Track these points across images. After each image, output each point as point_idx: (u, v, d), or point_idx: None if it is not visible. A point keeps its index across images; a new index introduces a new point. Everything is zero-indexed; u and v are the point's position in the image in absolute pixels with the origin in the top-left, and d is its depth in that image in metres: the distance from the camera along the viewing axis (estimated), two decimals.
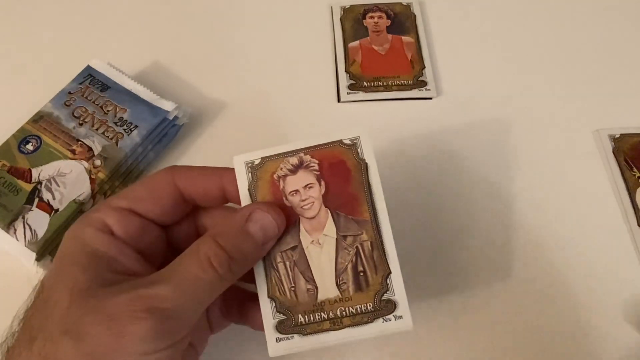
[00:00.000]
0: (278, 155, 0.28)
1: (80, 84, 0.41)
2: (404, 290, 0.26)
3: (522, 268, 0.36)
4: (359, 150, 0.28)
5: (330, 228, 0.27)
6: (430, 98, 0.44)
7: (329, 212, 0.27)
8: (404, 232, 0.37)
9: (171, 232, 0.29)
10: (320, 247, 0.27)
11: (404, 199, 0.39)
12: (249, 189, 0.28)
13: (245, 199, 0.28)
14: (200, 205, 0.29)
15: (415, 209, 0.39)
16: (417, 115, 0.43)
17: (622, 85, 0.45)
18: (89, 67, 0.42)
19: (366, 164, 0.28)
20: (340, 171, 0.28)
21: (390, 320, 0.26)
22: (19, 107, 0.41)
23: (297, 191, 0.28)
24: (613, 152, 0.41)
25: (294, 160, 0.28)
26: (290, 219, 0.28)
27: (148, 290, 0.23)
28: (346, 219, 0.27)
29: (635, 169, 0.40)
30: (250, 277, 0.27)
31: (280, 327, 0.27)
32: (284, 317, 0.27)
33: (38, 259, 0.35)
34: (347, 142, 0.28)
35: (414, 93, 0.44)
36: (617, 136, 0.41)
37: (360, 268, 0.27)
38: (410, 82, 0.45)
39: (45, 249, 0.35)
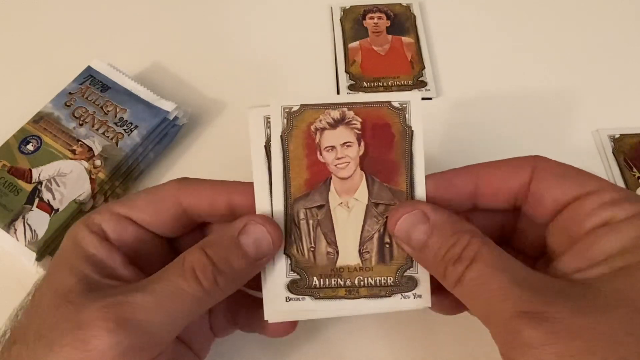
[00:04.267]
0: (319, 105, 0.26)
1: (81, 84, 0.41)
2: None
3: None
4: (407, 115, 0.26)
5: (362, 192, 0.26)
6: (430, 98, 0.44)
7: (364, 175, 0.26)
8: None
9: (177, 243, 0.28)
10: (349, 211, 0.26)
11: None
12: (281, 136, 0.26)
13: (276, 147, 0.26)
14: (207, 221, 0.28)
15: None
16: None
17: (622, 85, 0.45)
18: (89, 68, 0.42)
19: (412, 131, 0.26)
20: (384, 135, 0.26)
21: (408, 297, 0.25)
22: (19, 108, 0.41)
23: (333, 147, 0.26)
24: (613, 152, 0.41)
25: (335, 113, 0.26)
26: (321, 176, 0.26)
27: (123, 298, 0.22)
28: (381, 186, 0.26)
29: (635, 169, 0.40)
30: (256, 283, 0.26)
31: (292, 287, 0.26)
32: (297, 276, 0.26)
33: (38, 259, 0.35)
34: (396, 104, 0.26)
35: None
36: (617, 136, 0.41)
37: (387, 240, 0.26)
38: (410, 83, 0.45)
39: (45, 249, 0.35)
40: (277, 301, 0.26)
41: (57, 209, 0.36)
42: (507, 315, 0.20)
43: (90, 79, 0.42)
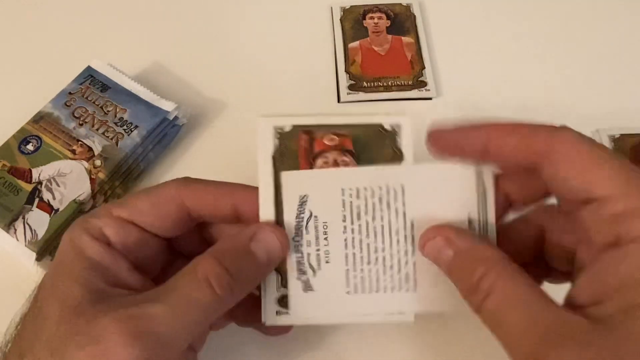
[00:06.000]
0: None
1: (81, 84, 0.41)
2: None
3: None
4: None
5: None
6: (430, 98, 0.44)
7: None
8: None
9: (174, 241, 0.28)
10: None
11: None
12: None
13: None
14: (209, 221, 0.28)
15: None
16: (417, 116, 0.43)
17: (622, 85, 0.45)
18: (89, 68, 0.42)
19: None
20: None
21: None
22: (19, 107, 0.41)
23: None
24: None
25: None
26: None
27: (139, 310, 0.21)
28: None
29: None
30: None
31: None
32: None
33: (38, 259, 0.35)
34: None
35: (414, 93, 0.44)
36: (617, 136, 0.41)
37: None
38: (410, 83, 0.45)
39: (46, 249, 0.35)
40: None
41: (57, 209, 0.36)
42: (520, 358, 0.20)
43: (90, 79, 0.42)
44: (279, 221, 0.26)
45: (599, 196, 0.20)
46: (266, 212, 0.26)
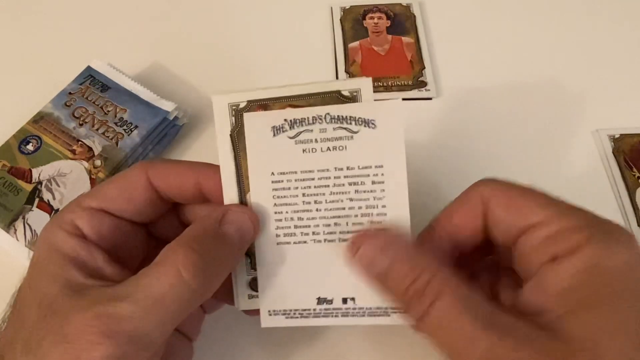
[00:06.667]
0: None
1: (81, 84, 0.41)
2: None
3: None
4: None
5: None
6: (430, 98, 0.44)
7: None
8: None
9: (153, 227, 0.28)
10: None
11: None
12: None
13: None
14: (178, 202, 0.27)
15: (414, 210, 0.39)
16: (417, 116, 0.43)
17: (622, 85, 0.45)
18: (89, 68, 0.42)
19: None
20: None
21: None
22: (19, 108, 0.41)
23: None
24: (613, 152, 0.41)
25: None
26: None
27: (108, 309, 0.21)
28: None
29: (635, 169, 0.40)
30: None
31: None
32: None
33: None
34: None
35: (414, 93, 0.44)
36: (616, 136, 0.41)
37: None
38: (410, 83, 0.45)
39: None
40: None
41: (57, 209, 0.36)
42: None
43: (90, 79, 0.42)
44: (242, 201, 0.26)
45: (534, 223, 0.22)
46: (229, 192, 0.26)
